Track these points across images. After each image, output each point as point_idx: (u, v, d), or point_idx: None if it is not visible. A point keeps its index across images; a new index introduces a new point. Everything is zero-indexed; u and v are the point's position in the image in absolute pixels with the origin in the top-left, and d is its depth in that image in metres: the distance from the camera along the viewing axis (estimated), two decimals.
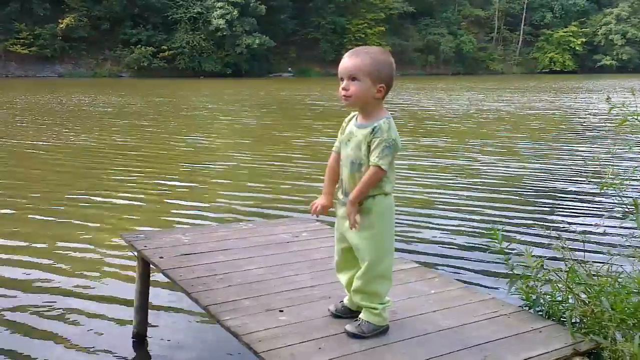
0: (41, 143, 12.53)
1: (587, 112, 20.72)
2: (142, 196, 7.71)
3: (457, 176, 9.15)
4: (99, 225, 6.31)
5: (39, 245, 5.62)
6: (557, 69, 76.62)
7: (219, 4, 57.50)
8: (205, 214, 6.83)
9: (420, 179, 8.88)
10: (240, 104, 24.46)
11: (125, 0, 56.00)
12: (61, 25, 53.23)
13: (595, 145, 12.55)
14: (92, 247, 5.58)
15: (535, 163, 10.40)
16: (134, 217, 6.71)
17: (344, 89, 2.53)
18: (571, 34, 78.01)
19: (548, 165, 10.11)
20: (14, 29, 52.19)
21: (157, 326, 3.91)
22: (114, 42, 56.52)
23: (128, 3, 56.28)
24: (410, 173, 9.30)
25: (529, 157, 11.06)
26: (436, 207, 7.23)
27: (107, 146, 12.16)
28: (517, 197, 7.76)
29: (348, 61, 2.53)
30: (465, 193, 7.98)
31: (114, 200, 7.42)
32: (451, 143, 13.01)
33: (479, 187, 8.40)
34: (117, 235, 5.69)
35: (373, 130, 2.50)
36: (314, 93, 31.22)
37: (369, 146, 2.50)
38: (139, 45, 55.61)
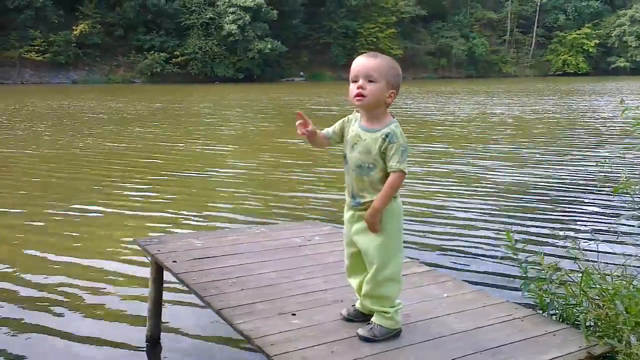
0: (52, 149, 12.64)
1: (599, 115, 20.54)
2: (148, 201, 7.74)
3: (468, 180, 9.11)
4: (107, 230, 6.35)
5: (50, 250, 5.66)
6: (571, 71, 76.15)
7: (231, 10, 57.75)
8: (210, 221, 6.82)
9: (431, 184, 8.86)
10: (244, 108, 24.53)
11: (138, 7, 56.41)
12: (75, 32, 53.71)
13: (607, 148, 12.44)
14: (104, 251, 5.61)
15: (548, 166, 10.33)
16: (140, 224, 6.65)
17: (360, 87, 2.52)
18: (584, 36, 77.51)
19: (560, 169, 10.04)
20: (29, 36, 52.70)
21: (170, 330, 3.93)
22: (127, 48, 56.93)
23: (141, 9, 56.68)
24: (423, 177, 9.28)
25: (541, 161, 10.98)
26: (449, 211, 7.20)
27: (95, 151, 12.16)
28: (529, 201, 7.71)
29: (366, 61, 2.53)
30: (477, 197, 7.94)
31: (110, 210, 7.33)
32: (460, 147, 12.96)
33: (491, 191, 8.36)
34: (128, 241, 5.75)
35: (387, 136, 2.50)
36: (318, 97, 31.15)
37: (382, 152, 2.51)
38: (152, 51, 55.98)
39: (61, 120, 19.40)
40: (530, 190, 8.28)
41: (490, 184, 8.81)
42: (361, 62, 2.54)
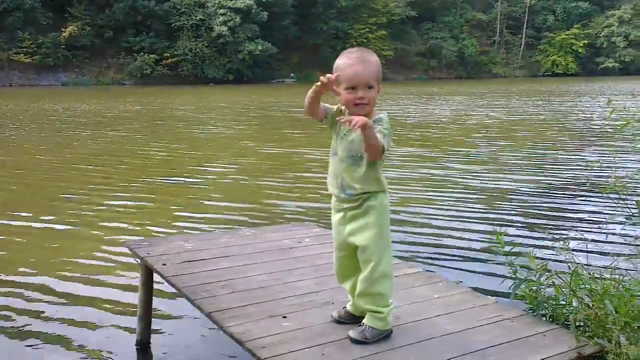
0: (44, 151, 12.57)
1: (588, 116, 20.63)
2: (133, 203, 7.71)
3: (459, 181, 9.13)
4: (96, 233, 6.32)
5: (38, 253, 5.63)
6: (560, 71, 76.54)
7: (221, 11, 57.72)
8: (200, 224, 6.80)
9: (421, 185, 8.87)
10: (224, 111, 24.40)
11: (128, 8, 56.25)
12: (64, 34, 53.50)
13: (596, 149, 12.50)
14: (93, 254, 5.59)
15: (537, 167, 10.37)
16: (125, 228, 6.57)
17: (362, 97, 2.52)
18: (573, 36, 77.97)
19: (550, 169, 10.09)
20: (17, 37, 52.45)
21: (160, 334, 3.91)
22: (117, 50, 56.76)
23: (131, 11, 56.52)
24: (412, 178, 9.30)
25: (530, 162, 11.03)
26: (438, 212, 7.22)
27: (64, 158, 12.06)
28: (519, 202, 7.74)
29: (362, 70, 2.53)
30: (467, 200, 7.96)
31: (92, 216, 7.21)
32: (450, 149, 13.00)
33: (481, 192, 8.39)
34: (116, 244, 5.71)
35: (375, 121, 2.51)
36: (284, 100, 30.95)
37: None
38: (142, 53, 55.84)
39: (30, 124, 19.13)
40: (519, 193, 8.30)
41: (478, 186, 8.81)
42: (359, 71, 2.52)
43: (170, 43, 57.86)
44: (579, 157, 11.37)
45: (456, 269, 5.19)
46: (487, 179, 9.29)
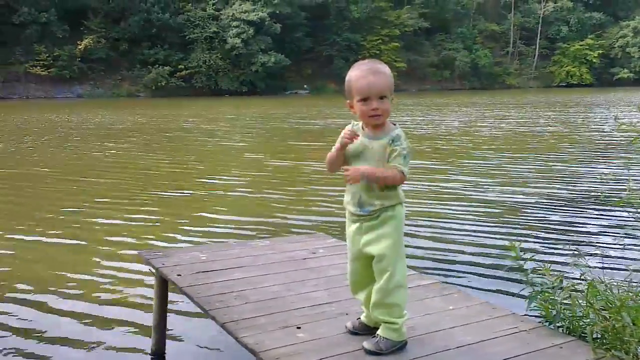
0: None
1: (600, 127, 20.47)
2: (144, 218, 7.68)
3: (473, 194, 9.09)
4: (102, 247, 6.33)
5: (49, 264, 5.67)
6: (574, 82, 76.21)
7: (235, 23, 58.18)
8: (208, 237, 6.82)
9: (435, 197, 8.84)
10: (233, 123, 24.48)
11: (142, 21, 56.87)
12: (80, 47, 54.18)
13: (610, 161, 12.38)
14: (103, 266, 5.60)
15: (552, 180, 10.29)
16: (141, 239, 6.59)
17: (375, 109, 2.52)
18: (587, 47, 77.63)
19: (564, 183, 10.00)
20: (34, 51, 53.15)
21: (175, 344, 3.92)
22: (132, 63, 57.34)
23: (146, 24, 57.13)
24: (426, 193, 9.27)
25: (545, 174, 10.94)
26: (454, 225, 7.18)
27: (69, 171, 12.15)
28: (534, 214, 7.68)
29: (376, 81, 2.53)
30: (482, 212, 7.90)
31: (109, 224, 7.27)
32: (462, 162, 12.96)
33: (496, 203, 8.34)
34: (125, 256, 5.73)
35: (393, 140, 2.52)
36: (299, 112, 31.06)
37: (388, 155, 2.51)
38: (157, 65, 56.35)
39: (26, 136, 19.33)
40: (533, 205, 8.21)
41: (496, 196, 8.77)
42: (371, 82, 2.52)
43: (185, 55, 58.38)
44: (593, 169, 11.26)
45: (469, 281, 5.15)
46: (500, 191, 9.19)
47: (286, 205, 8.32)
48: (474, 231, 6.79)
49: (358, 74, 2.57)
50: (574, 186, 9.56)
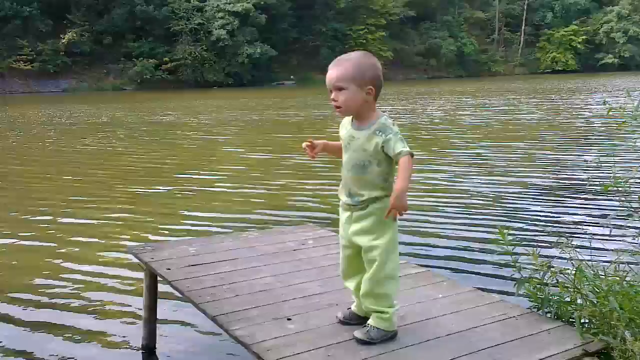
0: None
1: (588, 113, 20.57)
2: (132, 212, 7.62)
3: (461, 180, 9.13)
4: (97, 240, 6.31)
5: (41, 260, 5.64)
6: (560, 68, 76.51)
7: (220, 15, 57.81)
8: (201, 227, 6.81)
9: (424, 184, 8.86)
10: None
11: (126, 14, 56.33)
12: (63, 41, 53.61)
13: (595, 148, 12.41)
14: (97, 259, 5.59)
15: (539, 165, 10.35)
16: (128, 234, 6.54)
17: (333, 99, 2.57)
18: (572, 33, 77.94)
19: (551, 167, 10.07)
20: (17, 45, 52.53)
21: (165, 338, 3.91)
22: (117, 56, 56.79)
23: (129, 16, 56.60)
24: (412, 181, 9.27)
25: (532, 160, 11.01)
26: (442, 211, 7.21)
27: (47, 168, 12.04)
28: (521, 200, 7.73)
29: (331, 72, 2.58)
30: (471, 196, 7.96)
31: (97, 221, 7.19)
32: (452, 148, 12.99)
33: (485, 189, 8.38)
34: (120, 250, 5.70)
35: (379, 131, 2.53)
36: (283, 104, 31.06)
37: (381, 147, 2.52)
38: (141, 58, 55.89)
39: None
40: (521, 192, 8.26)
41: (485, 181, 8.81)
42: (328, 75, 2.59)
43: (170, 48, 57.93)
44: (578, 156, 11.28)
45: (458, 269, 5.18)
46: (482, 181, 9.16)
47: (268, 200, 8.20)
48: (463, 219, 6.81)
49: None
50: (561, 174, 9.59)
